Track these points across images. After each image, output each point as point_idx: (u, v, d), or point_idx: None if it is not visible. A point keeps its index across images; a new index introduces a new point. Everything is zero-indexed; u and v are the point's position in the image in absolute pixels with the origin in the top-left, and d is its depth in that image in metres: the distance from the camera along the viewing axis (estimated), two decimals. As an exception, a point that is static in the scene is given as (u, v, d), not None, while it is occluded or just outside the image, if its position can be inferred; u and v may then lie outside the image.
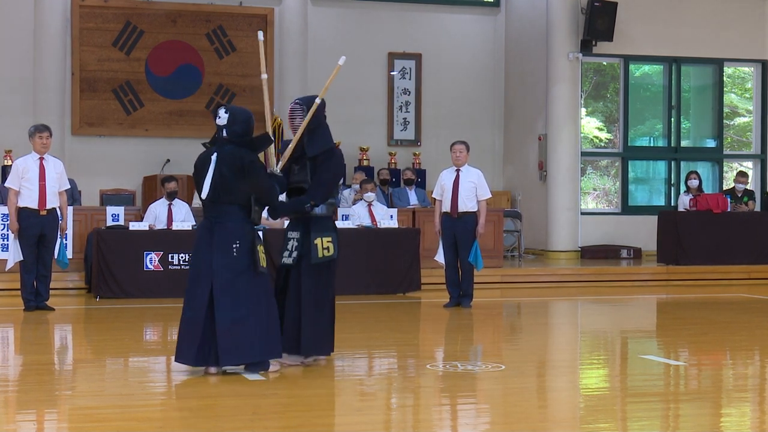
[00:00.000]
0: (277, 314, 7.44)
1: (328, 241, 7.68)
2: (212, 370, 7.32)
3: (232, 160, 7.26)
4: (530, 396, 7.11)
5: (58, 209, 11.39)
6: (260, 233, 7.56)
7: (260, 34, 8.03)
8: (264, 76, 7.92)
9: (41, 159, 11.29)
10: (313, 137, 7.76)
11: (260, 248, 7.35)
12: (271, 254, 9.93)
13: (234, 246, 7.24)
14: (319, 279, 7.69)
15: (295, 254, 7.69)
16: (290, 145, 7.82)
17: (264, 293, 7.35)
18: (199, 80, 18.43)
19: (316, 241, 7.64)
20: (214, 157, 7.34)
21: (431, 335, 10.33)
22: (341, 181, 8.88)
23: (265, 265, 7.37)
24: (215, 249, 7.26)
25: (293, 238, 7.75)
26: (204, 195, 7.36)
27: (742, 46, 19.07)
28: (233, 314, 7.20)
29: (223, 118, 7.37)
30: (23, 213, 11.22)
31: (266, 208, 7.63)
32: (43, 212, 11.23)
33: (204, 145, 7.55)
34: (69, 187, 11.78)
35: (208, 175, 7.31)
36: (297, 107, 7.79)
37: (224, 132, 7.37)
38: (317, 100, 7.77)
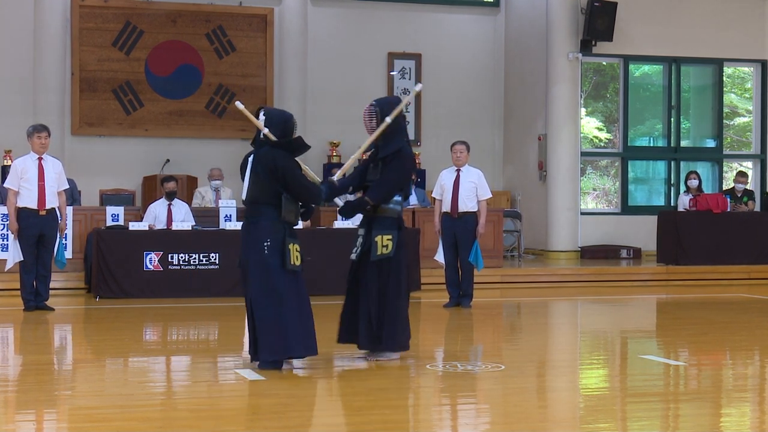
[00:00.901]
0: (310, 312, 7.54)
1: (388, 239, 7.90)
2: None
3: (266, 161, 7.44)
4: (530, 396, 7.11)
5: (57, 209, 11.38)
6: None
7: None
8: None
9: (40, 159, 11.29)
10: (387, 140, 8.02)
11: (293, 246, 7.45)
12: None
13: (265, 244, 7.38)
14: (381, 275, 7.88)
15: (358, 250, 7.95)
16: (360, 149, 8.13)
17: (295, 291, 7.45)
18: (199, 80, 18.42)
19: (376, 239, 7.89)
20: (251, 158, 7.57)
21: (431, 335, 10.31)
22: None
23: (298, 263, 7.47)
24: (249, 248, 7.44)
25: (360, 236, 8.03)
26: (243, 196, 7.58)
27: (742, 46, 19.06)
28: (267, 312, 7.34)
29: (260, 120, 7.52)
30: (22, 213, 11.21)
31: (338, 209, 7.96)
32: (43, 212, 11.22)
33: (252, 144, 7.75)
34: (68, 186, 11.78)
35: (246, 176, 7.54)
36: (373, 109, 8.03)
37: (261, 134, 7.50)
38: (388, 119, 7.95)
